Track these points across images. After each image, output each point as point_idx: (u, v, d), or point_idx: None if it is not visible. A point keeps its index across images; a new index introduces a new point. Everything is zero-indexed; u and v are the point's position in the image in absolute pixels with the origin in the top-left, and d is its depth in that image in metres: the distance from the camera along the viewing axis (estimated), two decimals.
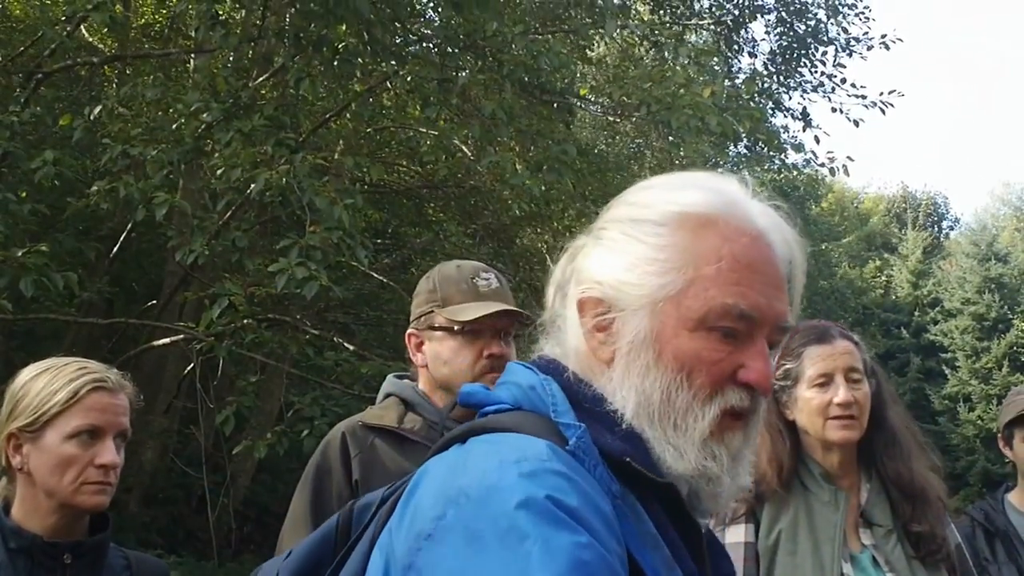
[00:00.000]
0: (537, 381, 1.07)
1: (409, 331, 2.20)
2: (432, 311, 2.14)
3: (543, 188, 7.25)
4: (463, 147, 8.50)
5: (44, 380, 1.75)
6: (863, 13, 11.40)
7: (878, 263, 29.35)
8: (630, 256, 1.06)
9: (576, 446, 0.98)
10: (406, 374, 2.30)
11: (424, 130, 8.50)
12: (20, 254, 5.30)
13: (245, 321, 6.40)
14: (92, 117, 6.09)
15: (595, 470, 0.97)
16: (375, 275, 8.75)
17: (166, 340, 7.71)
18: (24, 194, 6.07)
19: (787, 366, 2.14)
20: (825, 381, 2.10)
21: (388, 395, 2.22)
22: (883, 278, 28.66)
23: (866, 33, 11.46)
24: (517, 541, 0.86)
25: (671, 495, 1.01)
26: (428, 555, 0.90)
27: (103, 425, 1.73)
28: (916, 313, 26.33)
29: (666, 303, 1.03)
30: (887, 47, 10.79)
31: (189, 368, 7.93)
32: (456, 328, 2.09)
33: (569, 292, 1.12)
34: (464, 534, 0.89)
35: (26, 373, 1.79)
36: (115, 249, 8.12)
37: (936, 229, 33.14)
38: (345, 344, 7.42)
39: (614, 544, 0.90)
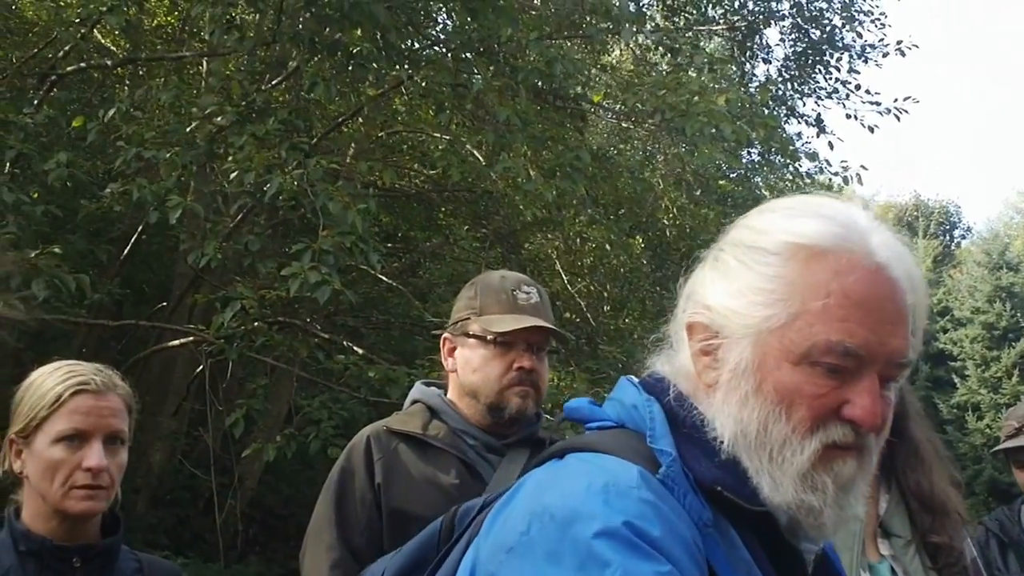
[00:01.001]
0: (640, 401, 1.09)
1: (444, 335, 2.23)
2: (469, 318, 2.16)
3: (555, 194, 7.23)
4: (475, 152, 8.49)
5: (36, 385, 1.76)
6: (879, 19, 11.35)
7: None
8: (739, 283, 1.06)
9: (666, 474, 1.00)
10: (434, 382, 2.32)
11: (436, 135, 8.49)
12: (33, 255, 5.30)
13: (256, 324, 6.40)
14: (106, 119, 6.09)
15: (684, 499, 0.98)
16: (384, 279, 8.74)
17: (176, 342, 7.71)
18: (36, 195, 6.07)
19: None
20: None
21: (415, 401, 2.24)
22: None
23: (881, 40, 11.42)
24: (598, 569, 0.88)
25: (767, 524, 1.01)
26: (509, 568, 0.94)
27: (87, 428, 1.71)
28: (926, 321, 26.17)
29: (770, 335, 1.02)
30: (902, 54, 10.75)
31: (198, 370, 7.93)
32: (489, 338, 2.10)
33: (680, 312, 1.14)
34: (545, 553, 0.92)
35: (29, 378, 1.80)
36: (126, 251, 8.12)
37: (948, 238, 33.00)
38: (355, 348, 7.41)
39: (696, 573, 0.92)
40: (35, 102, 6.46)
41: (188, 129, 6.27)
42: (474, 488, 1.98)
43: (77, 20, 6.83)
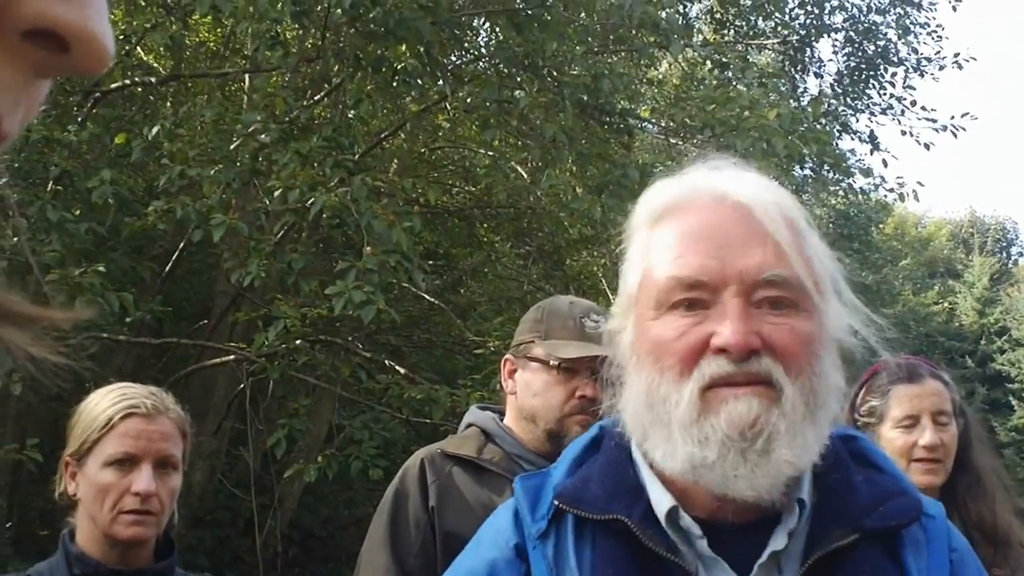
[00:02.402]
0: (592, 426, 1.15)
1: (506, 356, 2.21)
2: (533, 341, 2.13)
3: (601, 211, 7.08)
4: (519, 168, 8.37)
5: (90, 407, 1.75)
6: (935, 32, 11.04)
7: (940, 289, 28.61)
8: (624, 267, 1.07)
9: (515, 495, 1.07)
10: (489, 406, 2.31)
11: (481, 151, 8.38)
12: (77, 274, 5.27)
13: (297, 342, 6.33)
14: (149, 137, 6.07)
15: (521, 516, 1.04)
16: (426, 297, 8.63)
17: (217, 360, 7.67)
18: (79, 212, 6.06)
19: (872, 403, 2.09)
20: (911, 423, 2.03)
21: (469, 425, 2.23)
22: (946, 305, 27.92)
23: (938, 52, 11.11)
24: None
25: (623, 528, 0.97)
26: None
27: (137, 452, 1.70)
28: (982, 342, 25.61)
29: (637, 304, 1.02)
30: (960, 67, 10.43)
31: (239, 389, 7.88)
32: (553, 363, 2.08)
33: None
34: None
35: (86, 399, 1.79)
36: (167, 269, 8.11)
37: (1005, 255, 32.23)
38: (397, 367, 7.30)
39: None
40: (79, 120, 6.46)
41: (232, 147, 6.23)
42: None
43: (121, 37, 6.84)
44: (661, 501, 0.97)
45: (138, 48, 7.33)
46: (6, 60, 0.34)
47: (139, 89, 7.98)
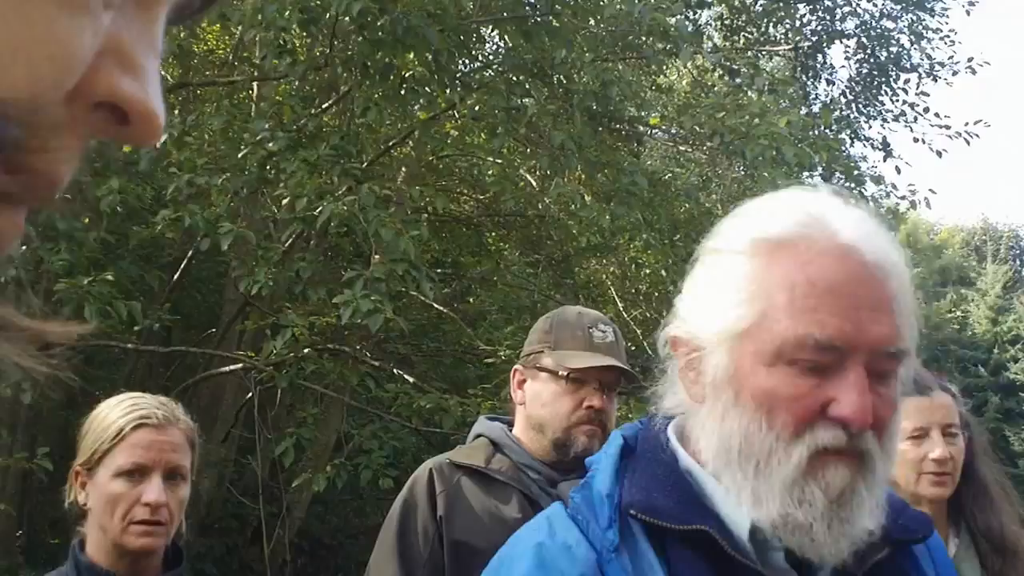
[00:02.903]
0: (613, 435, 1.11)
1: (515, 366, 2.23)
2: (542, 351, 2.15)
3: (610, 219, 7.05)
4: (528, 176, 8.34)
5: (100, 417, 1.76)
6: (948, 37, 10.96)
7: (953, 297, 28.44)
8: (708, 288, 1.02)
9: (571, 507, 1.03)
10: (498, 416, 2.33)
11: (489, 159, 8.36)
12: (86, 282, 5.27)
13: (305, 351, 6.32)
14: (157, 145, 6.06)
15: (587, 528, 1.00)
16: (435, 305, 8.61)
17: (225, 369, 7.66)
18: (87, 220, 6.07)
19: None
20: (921, 435, 2.05)
21: (478, 435, 2.25)
22: (959, 313, 27.75)
23: (951, 57, 11.02)
24: None
25: (704, 541, 0.96)
26: None
27: (147, 463, 1.71)
28: (995, 350, 25.40)
29: (742, 338, 0.97)
30: (973, 71, 10.35)
31: (247, 397, 7.87)
32: (562, 373, 2.09)
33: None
34: None
35: (95, 409, 1.80)
36: (175, 277, 8.12)
37: (1018, 263, 32.07)
38: (405, 376, 7.28)
39: None
40: None
41: (240, 155, 6.23)
42: None
43: None
44: (738, 517, 0.98)
45: None
46: (73, 128, 0.37)
47: None
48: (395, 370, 7.53)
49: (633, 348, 10.10)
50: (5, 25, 0.33)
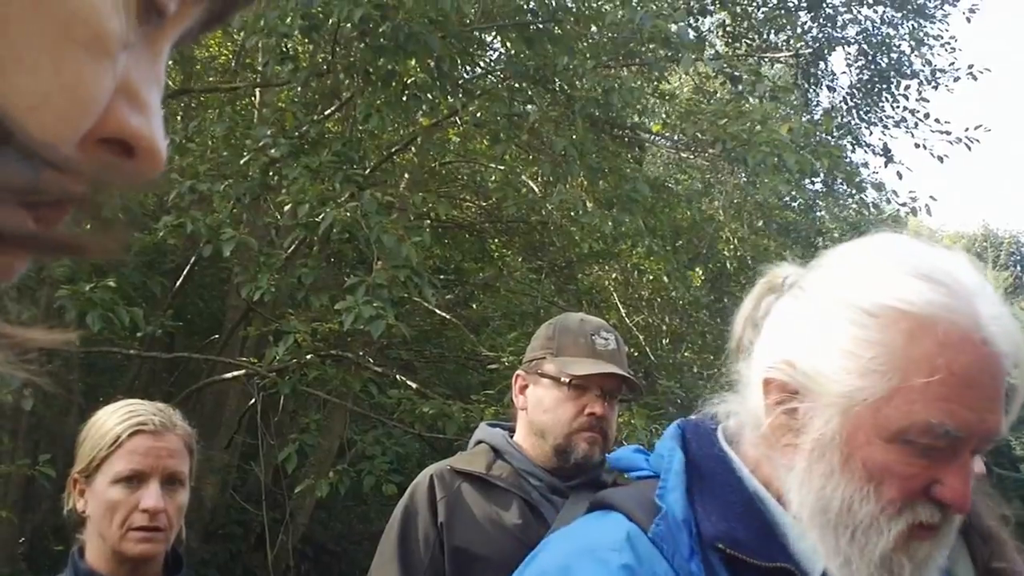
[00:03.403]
0: (667, 450, 1.07)
1: (517, 372, 2.24)
2: (545, 357, 2.16)
3: (612, 226, 7.05)
4: (530, 183, 8.34)
5: (98, 424, 1.77)
6: (948, 43, 10.98)
7: None
8: (830, 343, 0.96)
9: (655, 533, 0.98)
10: (499, 423, 2.35)
11: (492, 165, 8.37)
12: (88, 289, 5.28)
13: (308, 357, 6.32)
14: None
15: (673, 558, 0.96)
16: (437, 311, 8.61)
17: (228, 375, 7.66)
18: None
19: None
20: None
21: (479, 442, 2.26)
22: None
23: (952, 64, 11.05)
24: None
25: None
26: None
27: (144, 469, 1.71)
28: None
29: (863, 407, 0.93)
30: (974, 78, 10.36)
31: (250, 403, 7.87)
32: (564, 380, 2.11)
33: (756, 357, 1.04)
34: None
35: (93, 416, 1.81)
36: (178, 283, 8.12)
37: (1018, 268, 32.13)
38: (408, 382, 7.28)
39: None
40: None
41: (242, 161, 6.24)
42: (537, 529, 2.02)
43: None
44: (812, 557, 0.99)
45: None
46: (81, 168, 0.38)
47: None
48: (398, 376, 7.53)
49: (636, 354, 10.11)
50: (38, 71, 0.34)
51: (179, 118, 8.40)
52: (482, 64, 7.76)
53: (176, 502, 1.74)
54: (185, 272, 8.07)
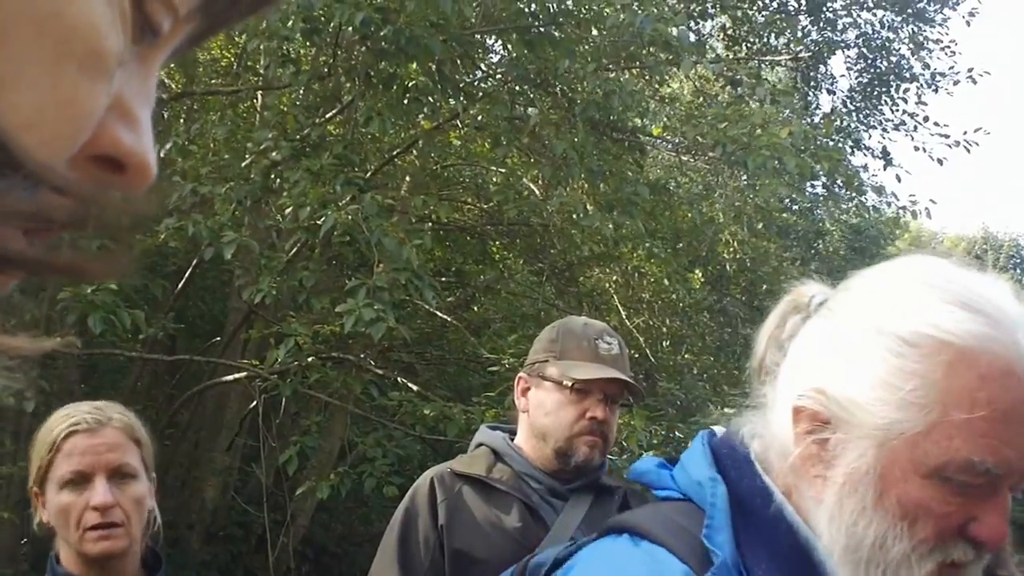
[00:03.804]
0: (705, 478, 1.01)
1: (520, 374, 2.25)
2: (547, 360, 2.17)
3: (613, 228, 7.06)
4: (531, 185, 8.35)
5: (40, 434, 1.76)
6: (948, 47, 10.99)
7: None
8: (865, 372, 0.92)
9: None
10: (499, 425, 2.36)
11: (493, 168, 8.38)
12: (89, 291, 5.30)
13: (309, 359, 6.33)
14: (161, 154, 6.10)
15: None
16: (438, 314, 8.62)
17: (229, 377, 7.68)
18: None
19: None
20: None
21: (479, 444, 2.27)
22: None
23: (952, 68, 11.07)
24: None
25: None
26: None
27: (85, 469, 1.69)
28: None
29: (900, 441, 0.90)
30: (974, 81, 10.38)
31: (252, 406, 7.88)
32: (566, 383, 2.11)
33: (783, 381, 0.99)
34: None
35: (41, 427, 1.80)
36: (179, 286, 8.14)
37: (1018, 271, 32.15)
38: (409, 384, 7.29)
39: None
40: None
41: (243, 164, 6.26)
42: (537, 532, 2.03)
43: None
44: None
45: None
46: (73, 184, 0.38)
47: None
48: (399, 378, 7.54)
49: (636, 356, 10.12)
50: (34, 89, 0.35)
51: (181, 121, 8.42)
52: (483, 67, 7.78)
53: (129, 495, 1.71)
54: (187, 275, 8.09)
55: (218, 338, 8.93)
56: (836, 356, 0.95)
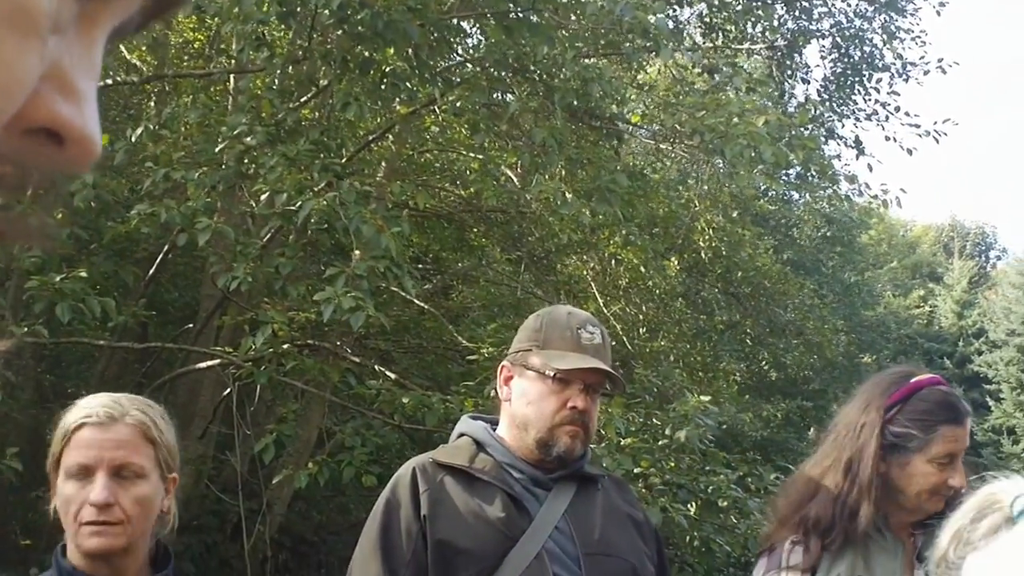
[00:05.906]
0: None
1: (503, 363, 2.24)
2: (531, 349, 2.17)
3: (590, 215, 7.04)
4: (509, 172, 8.32)
5: (60, 420, 1.74)
6: (919, 37, 11.10)
7: (922, 292, 28.95)
8: None
9: None
10: (481, 415, 2.34)
11: (470, 154, 8.33)
12: (58, 280, 5.19)
13: (285, 347, 6.26)
14: (133, 139, 5.98)
15: None
16: (416, 301, 8.58)
17: (202, 365, 7.59)
18: (61, 216, 5.97)
19: (914, 432, 2.11)
20: (948, 461, 2.09)
21: (461, 434, 2.26)
22: (926, 308, 28.26)
23: (922, 57, 11.18)
24: None
25: None
26: None
27: (89, 462, 1.66)
28: (960, 343, 25.93)
29: None
30: (944, 71, 10.49)
31: (225, 393, 7.80)
32: (549, 373, 2.11)
33: None
34: None
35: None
36: (151, 272, 8.02)
37: (983, 259, 32.72)
38: (387, 372, 7.24)
39: None
40: None
41: (217, 149, 6.15)
42: (520, 522, 2.04)
43: None
44: None
45: (121, 46, 7.22)
46: (7, 155, 0.37)
47: (124, 87, 7.87)
48: (376, 367, 7.49)
49: (613, 343, 10.14)
50: None
51: (152, 104, 8.27)
52: (460, 52, 7.71)
53: (132, 494, 1.67)
54: (158, 261, 7.97)
55: (191, 325, 8.82)
56: None
